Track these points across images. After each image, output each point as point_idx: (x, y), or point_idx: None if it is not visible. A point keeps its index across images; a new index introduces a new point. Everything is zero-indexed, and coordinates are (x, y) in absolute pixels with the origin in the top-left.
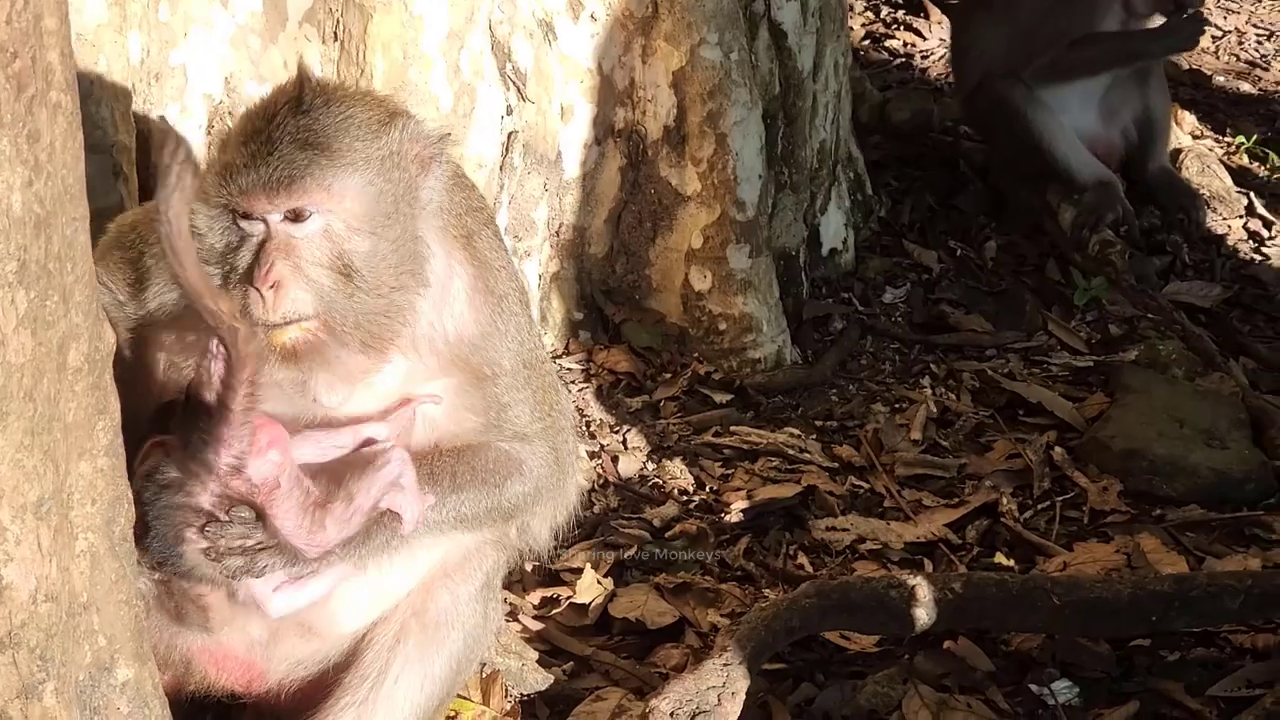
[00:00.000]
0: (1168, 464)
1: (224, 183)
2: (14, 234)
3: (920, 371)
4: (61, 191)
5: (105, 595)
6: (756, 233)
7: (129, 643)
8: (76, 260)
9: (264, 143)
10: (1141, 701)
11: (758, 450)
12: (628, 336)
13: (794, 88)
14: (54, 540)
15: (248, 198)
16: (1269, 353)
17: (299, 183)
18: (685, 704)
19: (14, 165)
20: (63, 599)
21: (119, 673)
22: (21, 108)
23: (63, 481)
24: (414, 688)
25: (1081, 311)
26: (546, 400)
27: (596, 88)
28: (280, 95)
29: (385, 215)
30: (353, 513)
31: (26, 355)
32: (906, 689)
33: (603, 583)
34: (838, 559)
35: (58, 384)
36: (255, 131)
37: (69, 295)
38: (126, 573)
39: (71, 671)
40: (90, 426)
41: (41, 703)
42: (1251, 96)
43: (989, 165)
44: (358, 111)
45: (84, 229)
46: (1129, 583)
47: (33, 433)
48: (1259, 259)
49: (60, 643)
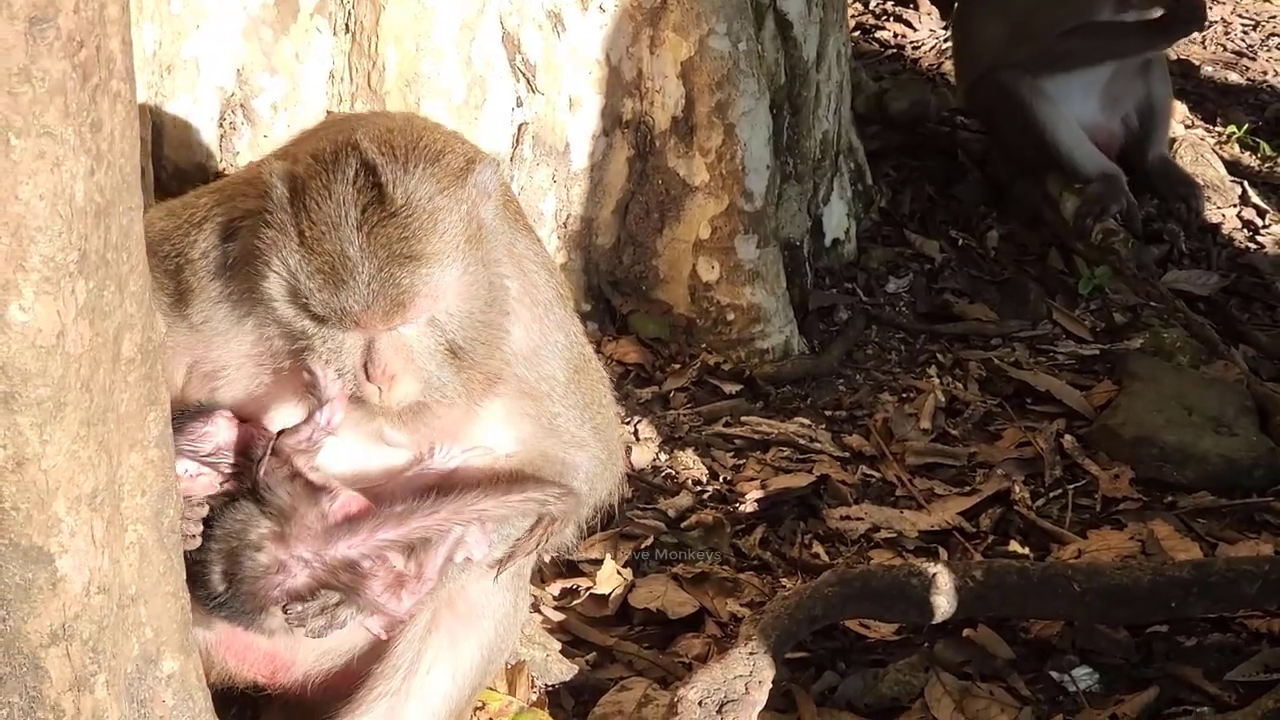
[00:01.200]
0: (1178, 451)
1: (326, 306)
2: (76, 223)
3: (927, 361)
4: (120, 181)
5: (153, 587)
6: (764, 223)
7: (175, 635)
8: (132, 250)
9: (361, 263)
10: (1161, 687)
11: (769, 440)
12: (635, 327)
13: (799, 77)
14: (106, 532)
15: (355, 324)
16: (1269, 340)
17: (409, 304)
18: (713, 693)
19: (78, 155)
20: (114, 591)
21: (165, 665)
22: (86, 97)
23: (115, 473)
24: (446, 678)
25: (1085, 300)
26: (595, 401)
27: (604, 79)
28: (354, 189)
29: (475, 279)
30: (424, 584)
31: (84, 346)
32: (928, 677)
33: (622, 573)
34: (853, 548)
35: (112, 375)
36: (345, 245)
37: (124, 285)
38: (174, 565)
39: (121, 664)
40: (142, 417)
41: (93, 695)
42: (1240, 86)
43: (987, 155)
44: (440, 189)
45: (139, 219)
46: (1148, 569)
47: (89, 424)
48: (1254, 247)
49: (111, 635)
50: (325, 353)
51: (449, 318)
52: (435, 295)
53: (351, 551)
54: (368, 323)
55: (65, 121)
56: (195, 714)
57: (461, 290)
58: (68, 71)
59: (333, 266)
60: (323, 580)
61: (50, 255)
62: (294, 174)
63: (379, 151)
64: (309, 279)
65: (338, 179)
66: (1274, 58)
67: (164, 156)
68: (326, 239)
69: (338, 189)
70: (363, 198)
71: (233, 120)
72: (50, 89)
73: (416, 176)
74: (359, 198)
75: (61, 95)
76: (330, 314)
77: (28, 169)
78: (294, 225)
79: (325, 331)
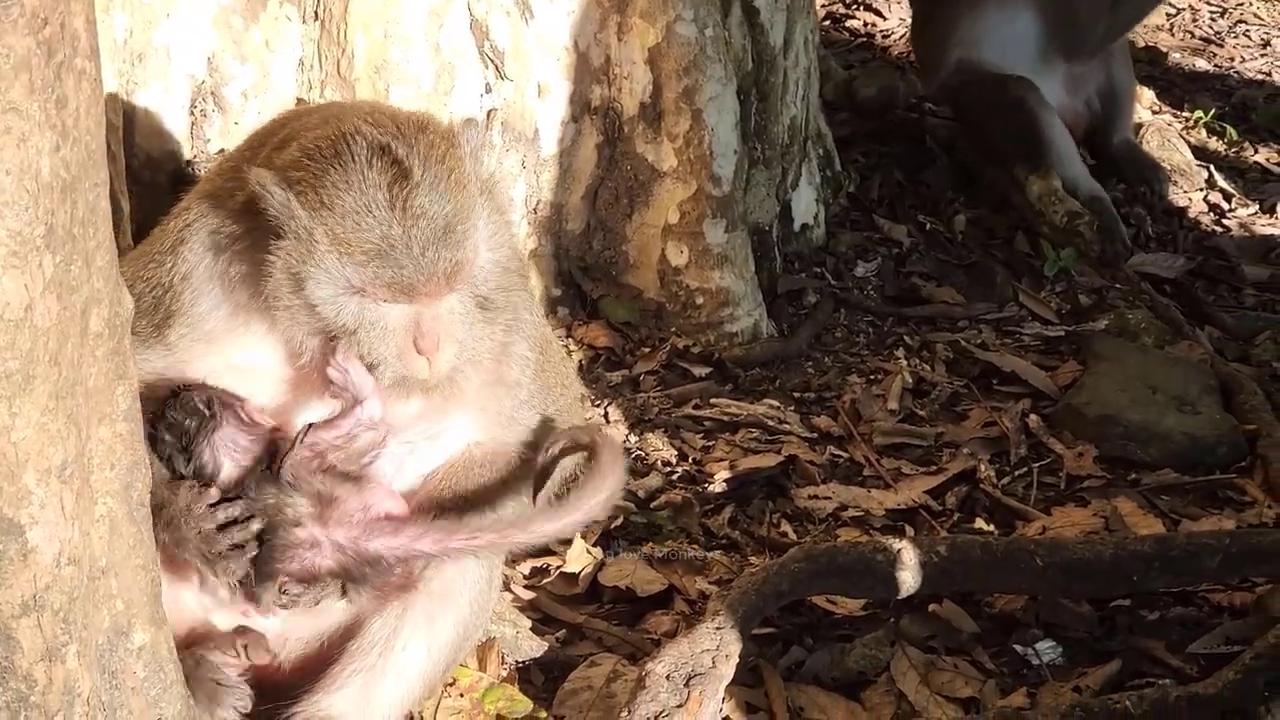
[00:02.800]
0: (1141, 429)
1: (391, 287)
2: (42, 198)
3: (894, 343)
4: (85, 157)
5: (123, 560)
6: (732, 208)
7: (145, 607)
8: (98, 225)
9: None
10: (1124, 659)
11: (738, 422)
12: (605, 312)
13: (766, 64)
14: (76, 504)
15: (424, 295)
16: (1234, 322)
17: (466, 261)
18: (680, 666)
19: (43, 130)
20: (84, 563)
21: (135, 637)
22: (51, 73)
23: (84, 446)
24: (422, 655)
25: (1051, 283)
26: (559, 380)
27: (573, 65)
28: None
29: (496, 226)
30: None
31: (52, 319)
32: (894, 651)
33: (592, 552)
34: (821, 526)
35: (80, 348)
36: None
37: (91, 260)
38: (143, 538)
39: (92, 635)
40: (110, 391)
41: (65, 665)
42: (1207, 73)
43: (955, 141)
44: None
45: (104, 194)
46: (1110, 543)
47: (57, 396)
48: (1220, 231)
49: (81, 606)
50: (368, 343)
51: (480, 270)
52: (476, 248)
53: (385, 550)
54: (433, 290)
55: (30, 98)
56: (166, 686)
57: (488, 239)
58: (32, 48)
59: (382, 251)
60: (347, 567)
61: (17, 229)
62: (289, 178)
63: (381, 132)
64: (361, 269)
65: (352, 167)
66: (1241, 44)
67: (135, 144)
68: (364, 227)
69: (356, 177)
70: (385, 178)
71: (204, 108)
72: (15, 65)
73: (422, 144)
74: (381, 179)
75: (26, 71)
76: (395, 293)
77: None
78: (320, 226)
79: (373, 317)
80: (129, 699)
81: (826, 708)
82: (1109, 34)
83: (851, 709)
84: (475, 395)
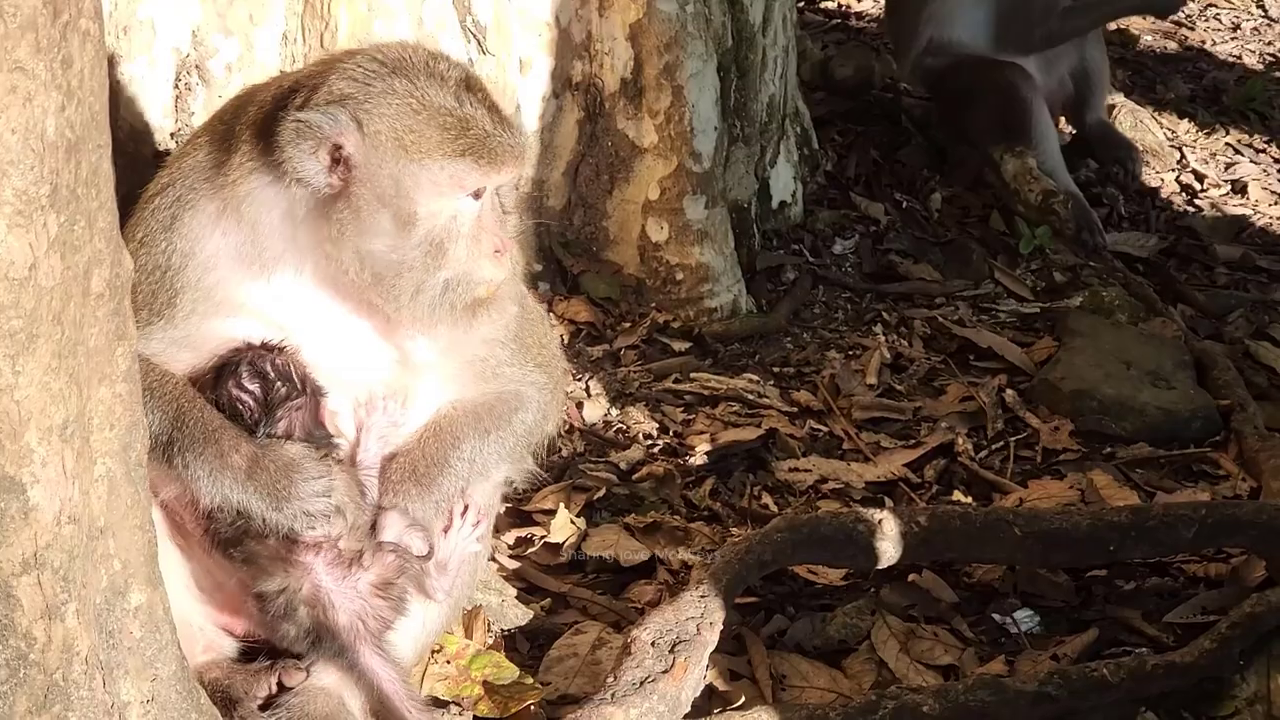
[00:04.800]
0: (1116, 404)
1: (495, 151)
2: (48, 158)
3: (872, 319)
4: (89, 118)
5: (121, 520)
6: (712, 184)
7: (142, 568)
8: (100, 187)
9: (490, 120)
10: (1101, 629)
11: (718, 396)
12: (586, 288)
13: (746, 41)
14: (76, 464)
15: (506, 170)
16: (1206, 299)
17: (528, 147)
18: (665, 634)
19: (49, 90)
20: (83, 522)
21: (132, 597)
22: (56, 33)
23: (84, 406)
24: (417, 620)
25: (1026, 260)
26: (537, 337)
27: (554, 41)
28: (440, 68)
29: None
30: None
31: (56, 279)
32: (874, 620)
33: (575, 522)
34: (801, 498)
35: (82, 308)
36: (471, 108)
37: (93, 221)
38: (140, 498)
39: (90, 594)
40: (110, 352)
41: (64, 624)
42: (1178, 56)
43: (929, 120)
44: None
45: (107, 156)
46: (1087, 514)
47: (59, 356)
48: (1192, 211)
49: (81, 565)
50: (454, 253)
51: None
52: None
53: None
54: (518, 159)
55: (36, 57)
56: (162, 646)
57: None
58: (38, 7)
59: (477, 122)
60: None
61: (23, 189)
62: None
63: (419, 49)
64: (458, 140)
65: (415, 71)
66: (1212, 28)
67: (120, 117)
68: (450, 110)
69: (422, 79)
70: (453, 72)
71: (188, 81)
72: (22, 24)
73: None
74: (450, 71)
75: (33, 31)
76: (494, 165)
77: (0, 103)
78: (401, 137)
79: (460, 218)
80: (126, 658)
81: (808, 675)
82: (1051, 38)
83: (833, 676)
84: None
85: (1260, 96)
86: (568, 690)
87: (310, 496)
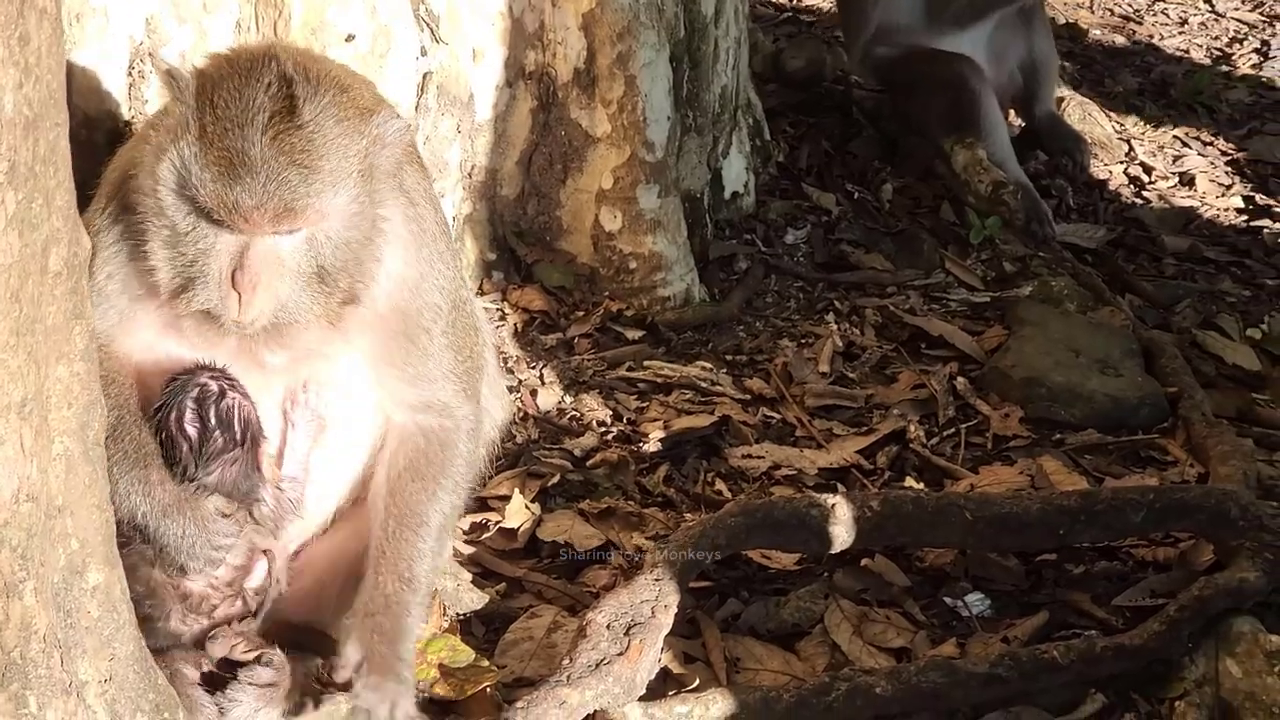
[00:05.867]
0: (1065, 391)
1: (217, 198)
2: (5, 135)
3: (824, 308)
4: (47, 96)
5: (79, 499)
6: (665, 173)
7: (100, 547)
8: (58, 165)
9: (261, 162)
10: (1051, 612)
11: (671, 383)
12: (540, 276)
13: (698, 32)
14: (35, 442)
15: (244, 220)
16: (1154, 290)
17: (300, 211)
18: (620, 616)
19: (6, 67)
20: (41, 500)
21: (90, 576)
22: (14, 10)
23: (42, 384)
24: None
25: (976, 250)
26: (466, 345)
27: (508, 30)
28: (266, 96)
29: (359, 215)
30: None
31: (14, 256)
32: (828, 604)
33: (530, 508)
34: (754, 485)
35: (40, 286)
36: (247, 144)
37: (51, 199)
38: (98, 478)
39: (48, 573)
40: (68, 330)
41: (22, 602)
42: (1127, 50)
43: (880, 112)
44: (344, 116)
45: (64, 134)
46: (1037, 499)
47: (18, 333)
48: (1140, 203)
49: (39, 544)
50: (191, 255)
51: (327, 240)
52: (324, 212)
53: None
54: (256, 222)
55: None
56: (119, 626)
57: (346, 218)
58: None
59: (231, 162)
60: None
61: None
62: (204, 72)
63: (295, 69)
64: (203, 170)
65: (251, 83)
66: (1160, 22)
67: (73, 104)
68: (230, 136)
69: (249, 92)
70: (273, 105)
71: (141, 69)
72: None
73: (327, 99)
74: (270, 104)
75: None
76: (220, 207)
77: None
78: (197, 119)
79: (204, 231)
80: (84, 638)
81: (762, 658)
82: (975, 5)
83: (787, 659)
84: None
85: (1207, 90)
86: (523, 673)
87: (205, 552)
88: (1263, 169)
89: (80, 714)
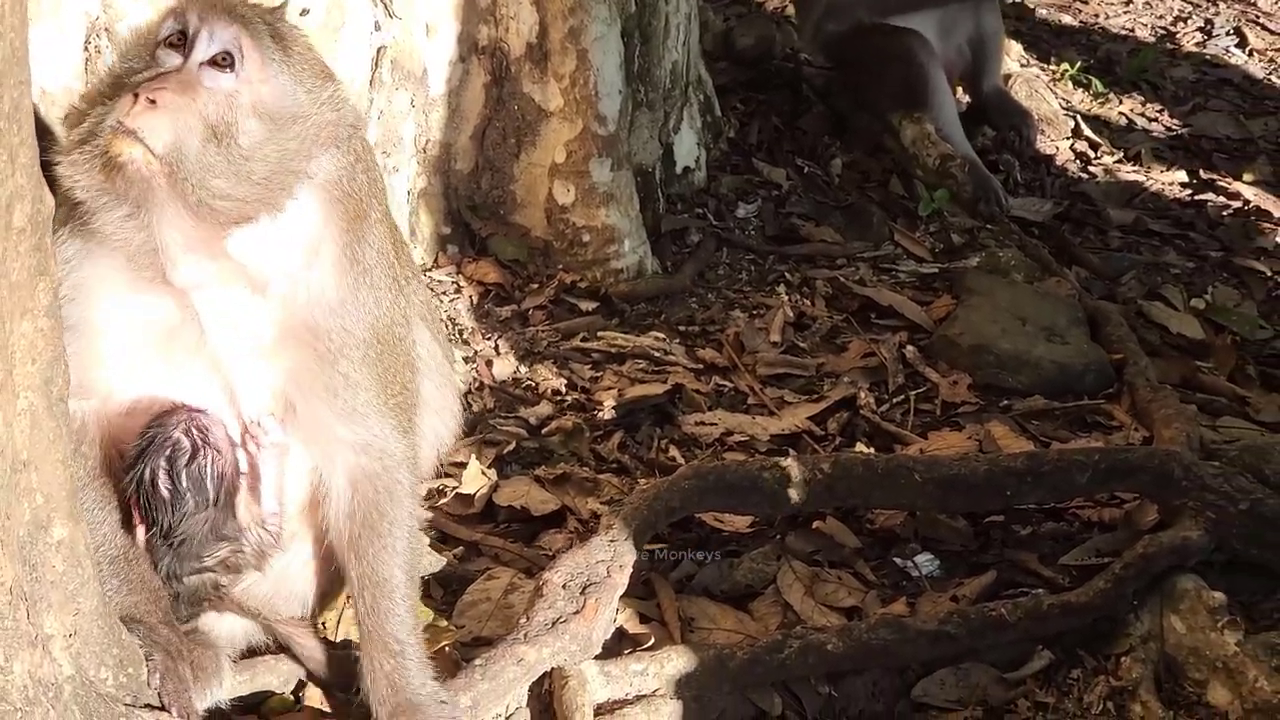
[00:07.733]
0: (1013, 358)
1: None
2: None
3: (775, 280)
4: (10, 53)
5: (43, 454)
6: (617, 147)
7: (64, 502)
8: (22, 123)
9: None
10: (999, 571)
11: (625, 353)
12: (494, 250)
13: (649, 7)
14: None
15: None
16: (1100, 262)
17: (249, 29)
18: (576, 576)
19: None
20: (7, 454)
21: (55, 531)
22: None
23: (7, 339)
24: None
25: (925, 222)
26: (399, 379)
27: (461, 5)
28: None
29: (283, 132)
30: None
31: None
32: (780, 565)
33: (487, 474)
34: (708, 451)
35: (4, 242)
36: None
37: (15, 156)
38: (62, 433)
39: (14, 526)
40: (32, 287)
41: None
42: (1073, 28)
43: (829, 89)
44: (312, 54)
45: (28, 93)
46: (985, 460)
47: None
48: (1086, 177)
49: (4, 497)
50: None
51: (250, 111)
52: (261, 63)
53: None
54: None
55: None
56: (84, 581)
57: (272, 108)
58: None
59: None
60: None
61: None
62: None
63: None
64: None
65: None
66: (1106, 1)
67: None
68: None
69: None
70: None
71: (97, 44)
72: None
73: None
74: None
75: None
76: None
77: None
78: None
79: (148, 59)
80: (49, 592)
81: (716, 617)
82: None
83: (740, 618)
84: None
85: (1152, 67)
86: (481, 632)
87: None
88: (1206, 144)
89: (46, 666)
